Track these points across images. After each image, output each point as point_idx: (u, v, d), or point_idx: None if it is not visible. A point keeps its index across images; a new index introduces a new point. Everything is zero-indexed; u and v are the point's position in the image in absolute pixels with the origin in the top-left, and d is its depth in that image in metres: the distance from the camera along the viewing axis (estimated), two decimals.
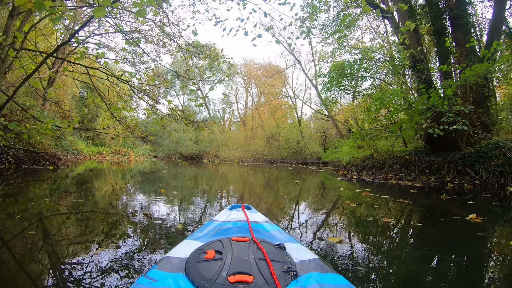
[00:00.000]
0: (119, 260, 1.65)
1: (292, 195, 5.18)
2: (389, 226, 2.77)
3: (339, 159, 13.63)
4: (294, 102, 23.73)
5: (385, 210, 3.56)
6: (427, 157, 7.90)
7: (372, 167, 9.39)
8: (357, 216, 3.26)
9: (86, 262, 1.60)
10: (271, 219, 1.87)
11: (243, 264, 1.05)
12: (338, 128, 19.86)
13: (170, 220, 2.74)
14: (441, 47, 8.16)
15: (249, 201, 4.03)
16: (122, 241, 2.01)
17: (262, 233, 1.49)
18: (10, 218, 2.56)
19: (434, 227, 2.80)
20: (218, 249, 1.17)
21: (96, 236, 2.14)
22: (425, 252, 2.02)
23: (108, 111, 5.15)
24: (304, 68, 21.39)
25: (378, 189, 5.69)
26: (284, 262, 1.10)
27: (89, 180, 6.01)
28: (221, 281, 0.94)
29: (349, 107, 14.86)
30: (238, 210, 1.92)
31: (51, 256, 1.70)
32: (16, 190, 4.30)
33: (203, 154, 24.04)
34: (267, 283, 0.94)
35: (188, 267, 1.05)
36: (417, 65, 8.06)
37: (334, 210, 3.65)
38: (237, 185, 6.79)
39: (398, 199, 4.32)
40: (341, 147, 15.86)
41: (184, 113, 5.09)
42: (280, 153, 20.62)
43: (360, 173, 9.75)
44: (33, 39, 8.53)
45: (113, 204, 3.62)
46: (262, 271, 1.00)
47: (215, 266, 1.03)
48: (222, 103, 29.87)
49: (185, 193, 4.87)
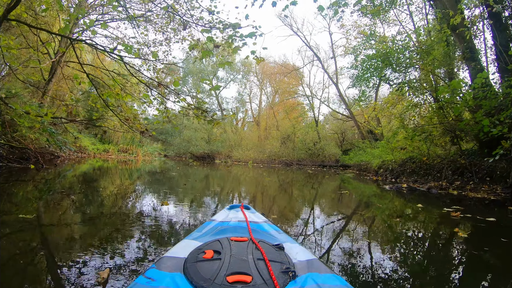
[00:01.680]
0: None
1: (360, 224, 2.94)
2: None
3: (365, 162, 12.26)
4: (311, 102, 22.40)
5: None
6: (484, 162, 6.53)
7: (413, 172, 8.04)
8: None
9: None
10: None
11: (241, 264, 1.04)
12: (360, 129, 18.44)
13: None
14: (501, 31, 6.74)
15: (293, 230, 2.68)
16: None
17: (260, 233, 1.47)
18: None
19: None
20: (216, 249, 1.16)
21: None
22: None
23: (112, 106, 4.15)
24: (323, 65, 20.06)
25: (461, 205, 4.04)
26: (282, 262, 1.09)
27: (72, 185, 4.66)
28: (220, 281, 0.93)
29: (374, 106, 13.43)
30: (237, 210, 1.89)
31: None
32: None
33: (215, 154, 23.01)
34: (265, 283, 0.93)
35: (187, 267, 1.04)
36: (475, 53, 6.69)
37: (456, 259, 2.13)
38: (265, 197, 4.90)
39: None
40: (366, 149, 14.50)
41: (195, 101, 3.93)
42: (296, 155, 19.40)
43: (397, 179, 8.41)
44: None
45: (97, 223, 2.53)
46: (261, 271, 1.00)
47: (213, 266, 1.02)
48: (236, 102, 28.83)
49: (197, 205, 3.73)
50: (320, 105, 22.83)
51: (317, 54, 19.99)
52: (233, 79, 28.65)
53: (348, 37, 14.96)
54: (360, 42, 11.18)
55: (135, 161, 13.52)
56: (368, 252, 1.96)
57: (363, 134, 18.17)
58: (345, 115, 22.79)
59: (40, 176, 5.12)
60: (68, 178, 5.35)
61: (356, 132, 22.86)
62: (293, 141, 20.83)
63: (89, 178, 5.75)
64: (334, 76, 19.92)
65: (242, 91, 27.91)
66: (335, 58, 19.56)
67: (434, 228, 2.87)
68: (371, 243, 2.20)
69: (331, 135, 22.85)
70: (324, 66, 20.02)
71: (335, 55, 19.46)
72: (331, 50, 19.53)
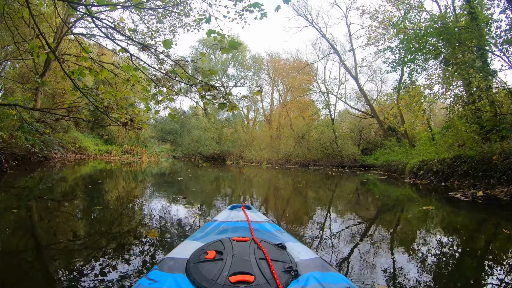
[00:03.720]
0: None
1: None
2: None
3: (396, 162, 10.83)
4: (327, 98, 20.94)
5: None
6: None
7: (466, 174, 6.63)
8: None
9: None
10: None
11: (244, 264, 1.02)
12: (383, 126, 16.95)
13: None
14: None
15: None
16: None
17: (262, 233, 1.43)
18: None
19: None
20: (218, 249, 1.13)
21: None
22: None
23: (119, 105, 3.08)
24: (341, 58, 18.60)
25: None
26: (284, 261, 1.07)
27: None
28: (222, 281, 0.91)
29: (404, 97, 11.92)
30: (239, 210, 1.84)
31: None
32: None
33: (226, 154, 21.84)
34: (268, 282, 0.91)
35: (189, 268, 1.02)
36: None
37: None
38: (318, 220, 3.04)
39: None
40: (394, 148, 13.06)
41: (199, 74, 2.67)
42: (313, 155, 18.05)
43: (446, 182, 7.02)
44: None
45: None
46: (263, 271, 0.98)
47: (216, 266, 1.00)
48: (247, 101, 27.58)
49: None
50: (336, 102, 21.26)
51: (334, 46, 18.58)
52: (243, 77, 27.46)
53: (373, 23, 13.47)
54: (400, 16, 9.69)
55: (140, 163, 12.48)
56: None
57: (386, 132, 16.68)
58: (363, 111, 21.30)
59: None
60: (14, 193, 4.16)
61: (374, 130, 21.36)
62: (308, 140, 19.48)
63: (61, 191, 4.56)
64: (352, 70, 18.49)
65: (253, 88, 26.63)
66: (354, 51, 18.13)
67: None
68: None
69: (348, 133, 21.37)
70: (342, 59, 18.58)
71: (354, 47, 18.02)
72: (349, 42, 18.10)
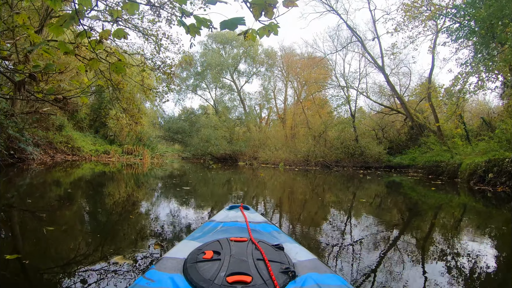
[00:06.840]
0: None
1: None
2: None
3: (444, 162, 8.96)
4: (347, 94, 19.01)
5: None
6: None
7: None
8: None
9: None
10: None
11: (241, 265, 1.01)
12: (415, 122, 14.97)
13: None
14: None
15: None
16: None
17: (260, 233, 1.44)
18: None
19: None
20: (216, 250, 1.12)
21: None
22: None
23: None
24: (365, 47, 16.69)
25: None
26: (282, 262, 1.06)
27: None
28: (219, 281, 0.90)
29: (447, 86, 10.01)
30: (237, 211, 1.85)
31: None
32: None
33: (238, 155, 20.26)
34: (265, 283, 0.91)
35: (186, 268, 1.01)
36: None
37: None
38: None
39: None
40: (434, 146, 11.14)
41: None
42: (334, 155, 16.28)
43: None
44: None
45: None
46: (260, 272, 0.97)
47: (213, 267, 0.99)
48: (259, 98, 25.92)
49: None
50: (357, 97, 19.31)
51: (356, 34, 16.71)
52: (256, 73, 25.84)
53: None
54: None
55: (141, 164, 11.04)
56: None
57: (419, 128, 14.71)
58: (388, 107, 19.34)
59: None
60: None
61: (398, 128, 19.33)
62: (325, 139, 17.70)
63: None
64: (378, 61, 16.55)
65: (266, 85, 24.97)
66: (379, 38, 16.19)
67: None
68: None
69: (369, 131, 19.41)
70: (366, 48, 16.68)
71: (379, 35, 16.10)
72: (373, 29, 16.15)
